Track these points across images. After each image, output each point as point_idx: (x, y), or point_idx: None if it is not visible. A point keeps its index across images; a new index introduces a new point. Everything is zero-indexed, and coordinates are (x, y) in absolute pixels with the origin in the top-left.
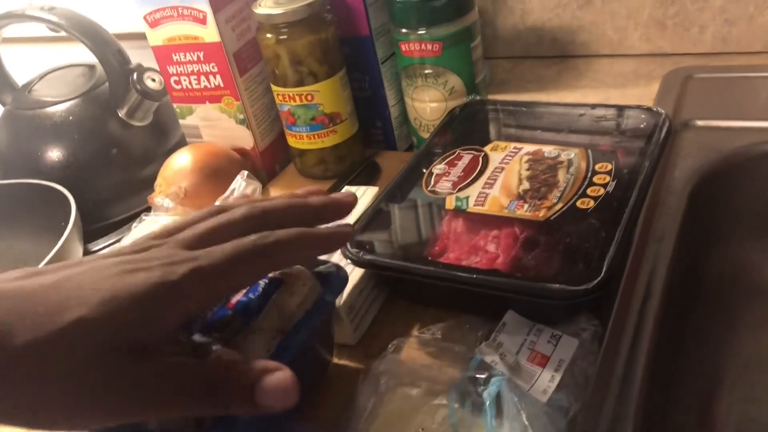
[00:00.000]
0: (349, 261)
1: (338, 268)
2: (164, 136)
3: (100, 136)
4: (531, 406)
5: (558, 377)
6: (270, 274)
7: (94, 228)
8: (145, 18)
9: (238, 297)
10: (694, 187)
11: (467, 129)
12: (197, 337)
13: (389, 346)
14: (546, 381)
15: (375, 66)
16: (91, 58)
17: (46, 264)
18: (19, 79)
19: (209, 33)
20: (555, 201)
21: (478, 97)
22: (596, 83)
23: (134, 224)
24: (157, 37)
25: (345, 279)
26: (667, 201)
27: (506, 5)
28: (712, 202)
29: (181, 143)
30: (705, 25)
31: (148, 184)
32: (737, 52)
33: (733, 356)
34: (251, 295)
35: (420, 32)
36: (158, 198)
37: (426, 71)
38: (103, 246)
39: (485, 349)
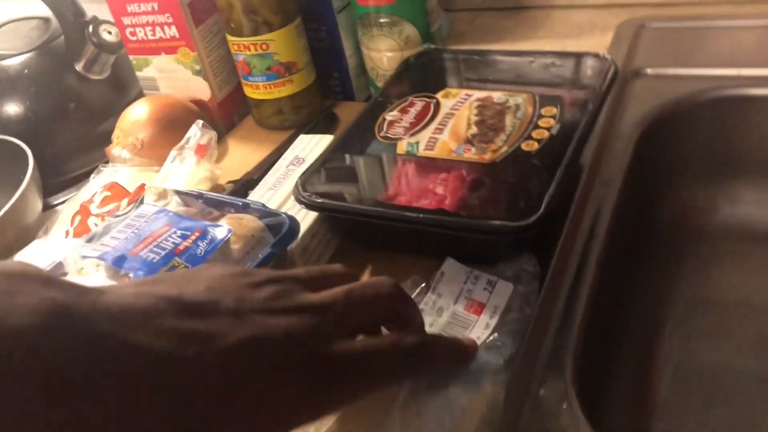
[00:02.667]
0: (302, 206)
1: (291, 219)
2: (123, 90)
3: (58, 90)
4: None
5: (493, 323)
6: (220, 223)
7: (54, 183)
8: None
9: (186, 244)
10: (641, 133)
11: (421, 77)
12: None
13: None
14: (481, 328)
15: (331, 15)
16: (44, 11)
17: (4, 213)
18: None
19: None
20: (501, 144)
21: (432, 46)
22: (553, 34)
23: (92, 176)
24: None
25: (295, 231)
26: (615, 146)
27: None
28: (659, 147)
29: (141, 96)
30: None
31: (108, 138)
32: (690, 3)
33: (677, 296)
34: (200, 243)
35: None
36: (116, 149)
37: (381, 20)
38: (63, 200)
39: (423, 306)
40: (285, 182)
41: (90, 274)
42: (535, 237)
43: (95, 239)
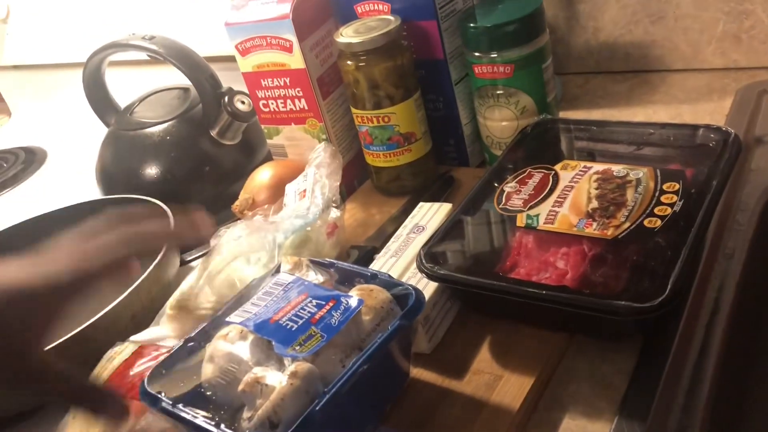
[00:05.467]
0: (423, 275)
1: (416, 291)
2: (252, 154)
3: (194, 155)
4: None
5: None
6: (353, 293)
7: None
8: (236, 47)
9: (322, 313)
10: (765, 204)
11: (538, 147)
12: (278, 350)
13: None
14: None
15: (449, 87)
16: (186, 81)
17: (148, 273)
18: (122, 98)
19: (295, 60)
20: (623, 220)
21: (549, 116)
22: (668, 98)
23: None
24: (247, 64)
25: (422, 303)
26: (738, 218)
27: (578, 23)
28: None
29: (267, 159)
30: None
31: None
32: None
33: None
34: (334, 313)
35: (492, 55)
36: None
37: (498, 92)
38: (197, 256)
39: None
40: (406, 250)
41: (235, 340)
42: (659, 317)
43: (237, 304)
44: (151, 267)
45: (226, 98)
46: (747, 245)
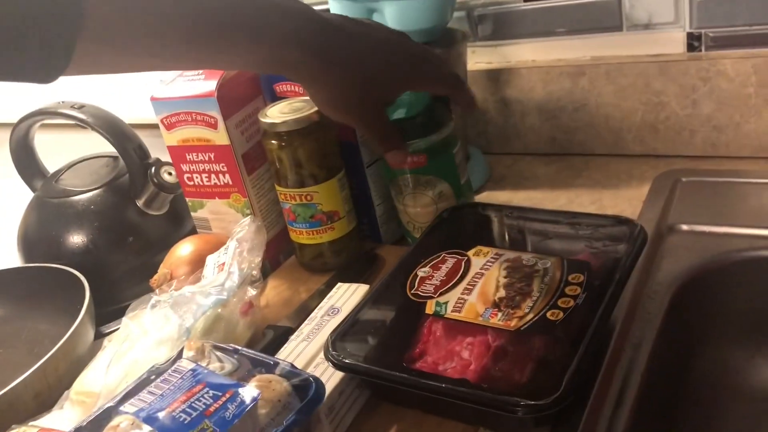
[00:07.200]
0: (330, 364)
1: (317, 383)
2: (179, 224)
3: (119, 224)
4: None
5: None
6: (251, 384)
7: (109, 310)
8: (161, 121)
9: (216, 405)
10: (675, 293)
11: (454, 232)
12: None
13: None
14: None
15: (361, 170)
16: (114, 150)
17: (59, 347)
18: (53, 160)
19: (219, 136)
20: (527, 311)
21: (466, 201)
22: (591, 182)
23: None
24: (173, 138)
25: (321, 396)
26: (647, 306)
27: (507, 106)
28: (693, 307)
29: (195, 230)
30: (695, 130)
31: None
32: (726, 157)
33: None
34: (229, 406)
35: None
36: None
37: (414, 179)
38: (114, 329)
39: None
40: (318, 334)
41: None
42: (557, 413)
43: (134, 391)
44: (63, 340)
45: (153, 169)
46: (654, 334)
